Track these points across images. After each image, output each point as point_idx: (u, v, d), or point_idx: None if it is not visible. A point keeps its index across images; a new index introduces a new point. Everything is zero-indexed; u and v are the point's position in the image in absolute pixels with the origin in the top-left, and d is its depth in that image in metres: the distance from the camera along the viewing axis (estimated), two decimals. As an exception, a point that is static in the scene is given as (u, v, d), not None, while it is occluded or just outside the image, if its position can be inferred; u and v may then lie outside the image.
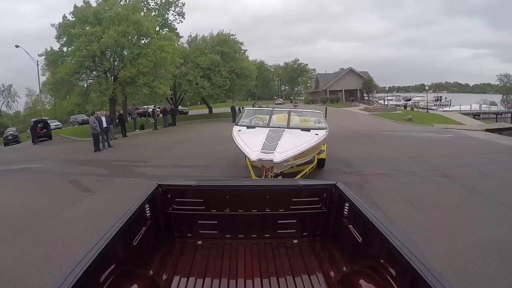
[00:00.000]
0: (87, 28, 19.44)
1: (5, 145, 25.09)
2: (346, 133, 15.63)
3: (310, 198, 2.87)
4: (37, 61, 23.51)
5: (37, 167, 11.56)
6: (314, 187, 2.92)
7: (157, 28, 26.18)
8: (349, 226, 2.45)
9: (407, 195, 5.96)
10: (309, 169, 7.14)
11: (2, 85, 59.27)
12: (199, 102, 49.91)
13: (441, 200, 5.74)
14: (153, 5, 27.78)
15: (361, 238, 2.27)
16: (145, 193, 2.58)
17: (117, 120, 19.79)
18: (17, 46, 26.99)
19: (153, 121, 23.74)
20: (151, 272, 2.31)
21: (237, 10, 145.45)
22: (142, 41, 22.45)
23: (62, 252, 4.14)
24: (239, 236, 2.87)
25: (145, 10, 24.82)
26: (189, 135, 18.58)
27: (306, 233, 2.91)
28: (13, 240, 4.74)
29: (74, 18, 20.70)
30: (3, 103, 60.42)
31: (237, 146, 6.41)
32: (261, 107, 13.40)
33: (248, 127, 7.58)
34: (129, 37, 20.43)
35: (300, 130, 7.10)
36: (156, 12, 27.48)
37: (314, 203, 2.85)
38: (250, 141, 6.18)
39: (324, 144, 8.08)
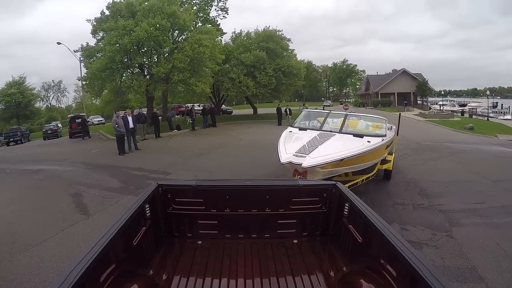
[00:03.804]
0: (120, 21, 18.25)
1: (44, 139, 26.02)
2: (407, 145, 13.58)
3: (310, 198, 2.83)
4: (80, 57, 23.30)
5: (52, 170, 10.81)
6: (314, 187, 2.92)
7: (199, 24, 24.66)
8: (349, 226, 2.41)
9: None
10: (361, 180, 6.38)
11: (53, 81, 63.72)
12: (244, 102, 48.30)
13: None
14: (195, 0, 26.45)
15: (361, 238, 2.22)
16: (145, 193, 2.54)
17: (151, 119, 18.33)
18: (58, 43, 27.85)
19: (190, 121, 22.08)
20: (151, 272, 2.27)
21: (287, 11, 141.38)
22: (182, 36, 20.87)
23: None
24: (239, 236, 2.80)
25: (185, 5, 23.33)
26: (227, 139, 16.81)
27: (306, 233, 2.85)
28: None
29: (109, 13, 19.80)
30: (53, 98, 64.90)
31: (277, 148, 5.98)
32: (307, 109, 12.46)
33: (301, 129, 7.19)
34: (164, 31, 18.80)
35: (352, 135, 6.56)
36: (197, 7, 25.97)
37: (314, 203, 2.81)
38: (291, 144, 5.90)
39: (392, 154, 7.90)
